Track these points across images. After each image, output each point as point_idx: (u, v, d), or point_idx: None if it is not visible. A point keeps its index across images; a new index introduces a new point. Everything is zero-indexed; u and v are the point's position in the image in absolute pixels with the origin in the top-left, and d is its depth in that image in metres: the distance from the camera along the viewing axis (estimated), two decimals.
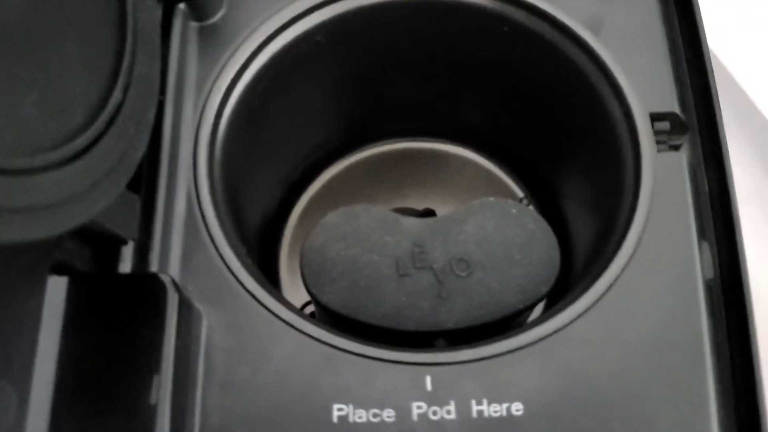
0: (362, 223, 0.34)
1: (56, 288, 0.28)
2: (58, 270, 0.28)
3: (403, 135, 0.46)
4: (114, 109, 0.27)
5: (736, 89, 0.59)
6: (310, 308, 0.40)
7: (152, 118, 0.29)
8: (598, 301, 0.31)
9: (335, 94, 0.41)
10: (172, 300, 0.28)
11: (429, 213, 0.44)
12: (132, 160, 0.28)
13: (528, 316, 0.35)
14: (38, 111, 0.24)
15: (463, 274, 0.33)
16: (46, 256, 0.27)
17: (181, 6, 0.36)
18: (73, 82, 0.26)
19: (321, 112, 0.42)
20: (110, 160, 0.26)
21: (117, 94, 0.27)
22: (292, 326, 0.31)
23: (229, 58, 0.36)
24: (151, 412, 0.27)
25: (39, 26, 0.24)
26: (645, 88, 0.35)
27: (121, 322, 0.28)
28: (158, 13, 0.31)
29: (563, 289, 0.35)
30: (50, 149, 0.24)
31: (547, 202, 0.43)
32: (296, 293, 0.42)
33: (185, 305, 0.29)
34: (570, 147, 0.39)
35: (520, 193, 0.45)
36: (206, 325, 0.30)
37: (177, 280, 0.31)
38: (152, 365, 0.27)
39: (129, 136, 0.27)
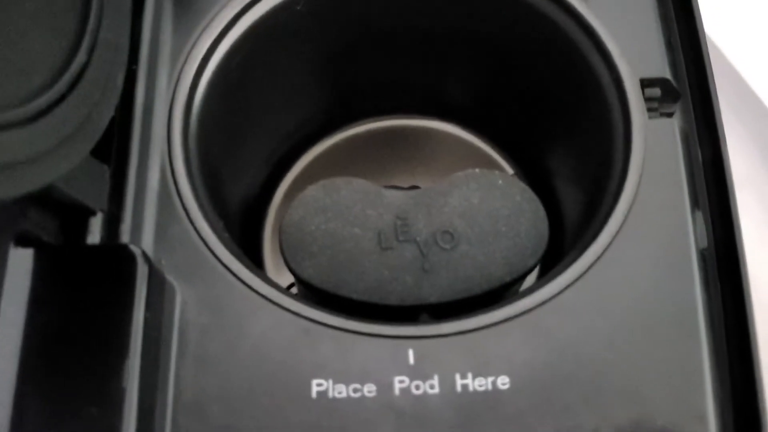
0: (343, 196, 0.33)
1: (22, 260, 0.27)
2: (24, 242, 0.27)
3: (388, 112, 0.44)
4: (77, 71, 0.26)
5: (734, 74, 0.58)
6: (295, 290, 0.39)
7: (120, 84, 0.28)
8: (587, 271, 0.30)
9: (317, 68, 0.40)
10: (142, 271, 0.27)
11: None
12: (97, 125, 0.27)
13: (517, 290, 0.33)
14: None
15: (448, 247, 0.32)
16: (9, 226, 0.26)
17: None
18: (35, 42, 0.25)
19: (302, 86, 0.40)
20: (73, 122, 0.25)
21: (81, 56, 0.26)
22: (269, 300, 0.30)
23: (205, 28, 0.35)
24: (120, 390, 0.25)
25: None
26: (635, 54, 0.34)
27: (89, 294, 0.27)
28: None
29: (554, 263, 0.34)
30: (10, 108, 0.23)
31: (537, 178, 0.42)
32: (280, 274, 0.41)
33: (157, 278, 0.28)
34: (559, 117, 0.38)
35: (510, 170, 0.44)
36: (180, 300, 0.29)
37: (150, 253, 0.30)
38: (121, 340, 0.26)
39: (94, 101, 0.26)
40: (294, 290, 0.39)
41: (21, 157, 0.23)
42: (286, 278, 0.40)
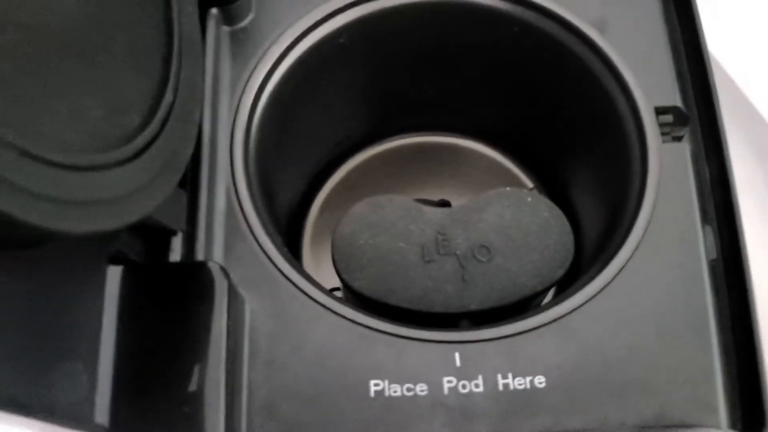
0: (387, 213, 0.36)
1: (113, 277, 0.30)
2: (114, 260, 0.30)
3: (419, 129, 0.48)
4: (166, 111, 0.29)
5: (727, 81, 0.61)
6: (337, 294, 0.43)
7: (198, 118, 0.32)
8: (610, 282, 0.33)
9: (357, 92, 0.43)
10: (223, 285, 0.30)
11: (444, 204, 0.46)
12: (183, 157, 0.30)
13: (544, 298, 0.37)
14: (102, 112, 0.26)
15: (484, 260, 0.35)
16: (105, 248, 0.30)
17: (214, 11, 0.38)
18: (129, 85, 0.28)
19: (344, 108, 0.44)
20: (164, 157, 0.28)
21: (168, 96, 0.29)
22: (329, 309, 0.33)
23: (259, 61, 0.38)
24: (207, 392, 0.29)
25: (95, 32, 0.27)
26: (649, 83, 0.37)
27: (175, 307, 0.30)
28: (197, 18, 0.33)
29: (574, 273, 0.38)
30: (113, 148, 0.26)
31: (555, 193, 0.46)
32: (320, 280, 0.45)
33: (233, 290, 0.31)
34: (579, 140, 0.41)
35: (530, 184, 0.47)
36: (249, 309, 0.33)
37: None
38: (208, 346, 0.29)
39: (180, 136, 0.30)
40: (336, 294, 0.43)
41: (125, 192, 0.26)
42: (325, 283, 0.44)
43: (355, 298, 0.36)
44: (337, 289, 0.44)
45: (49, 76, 0.24)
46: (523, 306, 0.35)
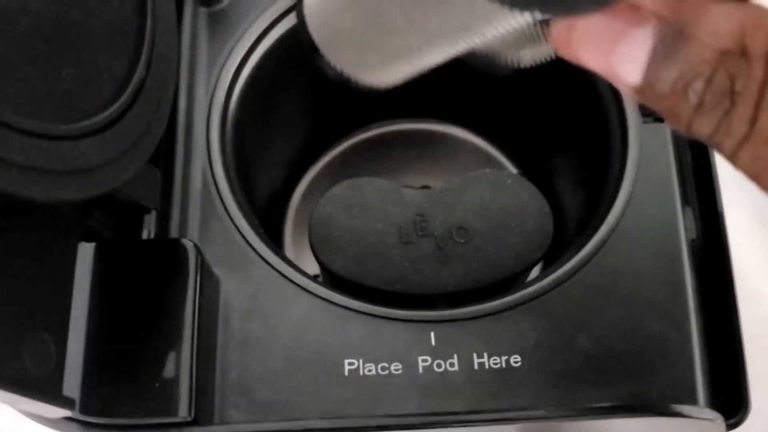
0: (366, 194, 0.36)
1: (85, 253, 0.30)
2: (87, 237, 0.30)
3: (402, 116, 0.48)
4: (138, 85, 0.29)
5: None
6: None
7: (171, 95, 0.31)
8: (588, 261, 0.33)
9: None
10: (194, 262, 0.30)
11: (426, 188, 0.46)
12: (155, 133, 0.30)
13: (524, 280, 0.37)
14: (74, 83, 0.26)
15: (462, 241, 0.35)
16: (77, 224, 0.29)
17: None
18: (101, 59, 0.28)
19: (324, 93, 0.44)
20: (136, 131, 0.28)
21: (140, 71, 0.29)
22: (305, 289, 0.33)
23: (237, 41, 0.38)
24: (177, 369, 0.29)
25: (70, 6, 0.27)
26: None
27: (147, 283, 0.30)
28: None
29: (555, 255, 0.37)
30: (83, 119, 0.26)
31: (539, 179, 0.45)
32: (302, 267, 0.44)
33: (206, 268, 0.31)
34: (560, 122, 0.41)
35: (514, 170, 0.47)
36: (224, 289, 0.33)
37: None
38: (179, 323, 0.29)
39: (152, 111, 0.29)
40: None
41: (95, 162, 0.26)
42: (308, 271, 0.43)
43: (333, 280, 0.36)
44: (316, 276, 0.43)
45: (20, 46, 0.23)
46: (502, 288, 0.35)
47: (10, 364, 0.25)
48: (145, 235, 0.32)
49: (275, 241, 0.45)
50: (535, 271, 0.38)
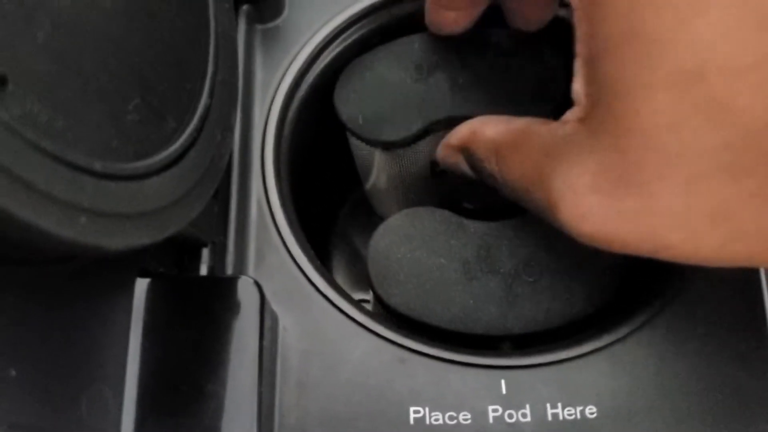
0: (427, 226, 0.34)
1: (139, 290, 0.28)
2: (141, 273, 0.28)
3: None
4: (203, 114, 0.27)
5: None
6: (369, 307, 0.41)
7: (234, 122, 0.30)
8: (666, 307, 0.31)
9: None
10: (256, 302, 0.28)
11: (487, 208, 0.44)
12: (220, 165, 0.28)
13: (593, 322, 0.35)
14: (139, 116, 0.24)
15: (531, 279, 0.33)
16: (134, 260, 0.28)
17: (245, 7, 0.36)
18: (167, 86, 0.26)
19: None
20: (202, 165, 0.26)
21: (205, 99, 0.27)
22: (365, 327, 0.31)
23: (291, 61, 0.36)
24: (239, 416, 0.27)
25: (134, 28, 0.25)
26: None
27: (206, 324, 0.28)
28: (234, 15, 0.31)
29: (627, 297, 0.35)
30: (150, 155, 0.24)
31: None
32: None
33: (266, 307, 0.29)
34: None
35: None
36: (281, 326, 0.31)
37: None
38: (241, 369, 0.27)
39: (216, 142, 0.28)
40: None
41: (163, 202, 0.24)
42: None
43: (389, 314, 0.34)
44: (364, 301, 0.42)
45: (88, 76, 0.22)
46: (570, 330, 0.33)
47: (69, 425, 0.23)
48: (201, 269, 0.31)
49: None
50: None
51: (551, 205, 0.26)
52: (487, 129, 0.31)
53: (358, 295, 0.44)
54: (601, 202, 0.24)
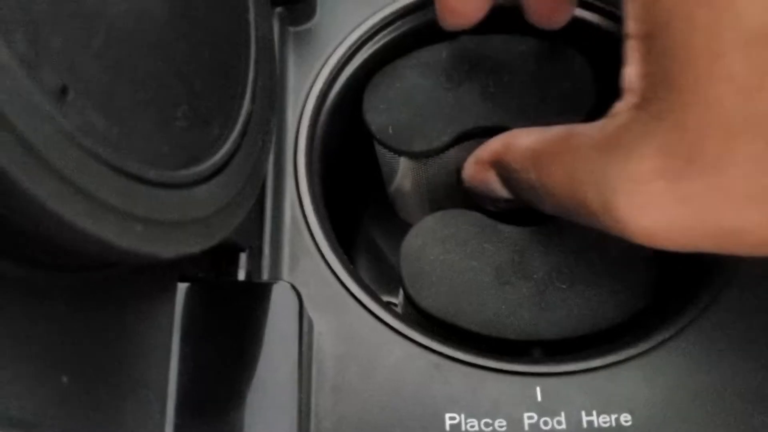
0: (460, 228, 0.34)
1: (179, 296, 0.28)
2: (181, 278, 0.28)
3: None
4: (246, 120, 0.27)
5: None
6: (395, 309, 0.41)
7: (273, 129, 0.30)
8: (701, 314, 0.31)
9: None
10: (296, 308, 0.28)
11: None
12: (261, 170, 0.28)
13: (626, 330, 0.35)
14: (187, 123, 0.24)
15: (564, 286, 0.33)
16: (174, 266, 0.28)
17: (279, 9, 0.36)
18: (212, 92, 0.26)
19: None
20: (246, 171, 0.26)
21: (248, 104, 0.27)
22: (400, 333, 0.31)
23: (323, 65, 0.36)
24: (279, 423, 0.27)
25: (181, 34, 0.25)
26: None
27: (244, 330, 0.28)
28: (272, 19, 0.31)
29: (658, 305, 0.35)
30: (198, 162, 0.24)
31: None
32: None
33: (303, 313, 0.29)
34: None
35: None
36: (316, 331, 0.31)
37: None
38: (281, 376, 0.27)
39: (258, 148, 0.28)
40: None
41: (211, 209, 0.24)
42: None
43: (420, 316, 0.34)
44: (390, 303, 0.42)
45: (140, 84, 0.22)
46: (602, 337, 0.33)
47: (115, 428, 0.23)
48: (240, 275, 0.31)
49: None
50: None
51: (604, 204, 0.25)
52: (521, 139, 0.31)
53: (384, 298, 0.44)
54: (666, 188, 0.23)
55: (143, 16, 0.22)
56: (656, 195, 0.23)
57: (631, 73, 0.25)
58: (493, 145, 0.32)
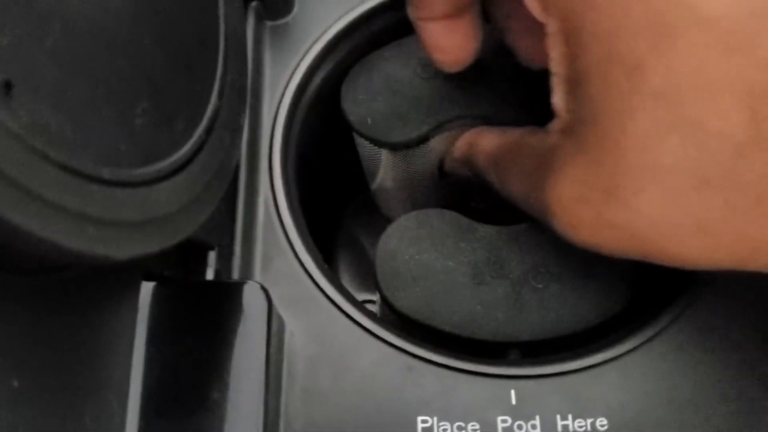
0: (436, 228, 0.34)
1: (144, 294, 0.28)
2: (146, 276, 0.28)
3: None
4: (212, 116, 0.26)
5: None
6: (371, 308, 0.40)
7: (243, 124, 0.29)
8: (679, 316, 0.31)
9: None
10: (265, 308, 0.28)
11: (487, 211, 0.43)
12: (229, 168, 0.27)
13: (602, 331, 0.35)
14: (148, 119, 0.23)
15: (540, 286, 0.33)
16: (139, 263, 0.27)
17: (254, 4, 0.35)
18: (176, 89, 0.25)
19: None
20: (212, 168, 0.26)
21: (214, 101, 0.27)
22: (374, 334, 0.31)
23: (300, 60, 0.36)
24: (247, 425, 0.26)
25: (144, 28, 0.24)
26: None
27: (211, 330, 0.28)
28: (243, 13, 0.31)
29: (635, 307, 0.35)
30: (159, 159, 0.24)
31: None
32: None
33: (273, 314, 0.29)
34: None
35: None
36: (288, 332, 0.30)
37: None
38: (248, 377, 0.27)
39: (226, 144, 0.27)
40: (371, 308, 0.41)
41: (172, 208, 0.23)
42: None
43: (395, 316, 0.34)
44: (369, 301, 0.41)
45: (98, 81, 0.21)
46: (579, 339, 0.33)
47: (70, 430, 0.22)
48: (207, 273, 0.30)
49: None
50: None
51: (548, 215, 0.26)
52: (483, 142, 0.32)
53: (363, 296, 0.44)
54: (589, 213, 0.25)
55: (105, 13, 0.22)
56: (583, 217, 0.25)
57: (557, 102, 0.26)
58: (461, 146, 0.34)
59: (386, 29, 0.37)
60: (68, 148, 0.19)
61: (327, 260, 0.42)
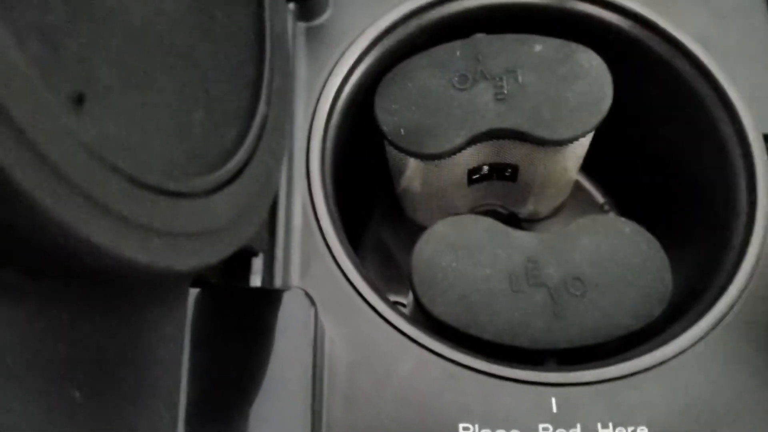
0: (472, 234, 0.34)
1: (189, 301, 0.28)
2: (193, 283, 0.28)
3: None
4: (261, 123, 0.26)
5: None
6: (405, 310, 0.40)
7: (289, 130, 0.29)
8: (718, 323, 0.31)
9: None
10: (311, 316, 0.28)
11: (513, 216, 0.44)
12: (277, 174, 0.27)
13: (640, 338, 0.34)
14: (203, 129, 0.23)
15: (578, 294, 0.32)
16: (186, 275, 0.27)
17: (290, 5, 0.35)
18: (228, 96, 0.25)
19: None
20: (261, 176, 0.26)
21: (263, 107, 0.27)
22: (414, 341, 0.31)
23: (336, 63, 0.35)
24: (293, 429, 0.26)
25: (198, 34, 0.24)
26: (757, 107, 0.35)
27: (257, 337, 0.28)
28: (287, 16, 0.30)
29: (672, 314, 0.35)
30: (215, 168, 0.23)
31: (627, 210, 0.43)
32: None
33: (318, 320, 0.28)
34: (676, 167, 0.39)
35: (600, 199, 0.45)
36: (328, 337, 0.30)
37: None
38: (294, 385, 0.27)
39: (274, 151, 0.27)
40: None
41: (227, 219, 0.23)
42: None
43: (431, 323, 0.34)
44: (399, 303, 0.41)
45: (157, 87, 0.21)
46: (616, 346, 0.32)
47: None
48: (254, 280, 0.30)
49: None
50: None
51: None
52: None
53: (391, 298, 0.43)
54: None
55: (158, 15, 0.21)
56: None
57: None
58: None
59: (423, 30, 0.37)
60: (135, 160, 0.19)
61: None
